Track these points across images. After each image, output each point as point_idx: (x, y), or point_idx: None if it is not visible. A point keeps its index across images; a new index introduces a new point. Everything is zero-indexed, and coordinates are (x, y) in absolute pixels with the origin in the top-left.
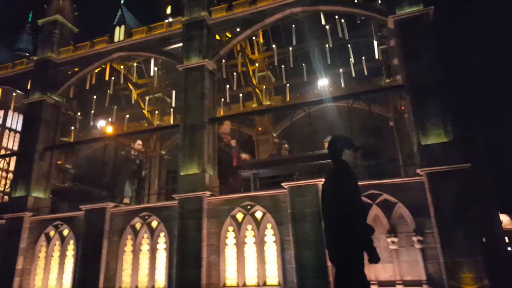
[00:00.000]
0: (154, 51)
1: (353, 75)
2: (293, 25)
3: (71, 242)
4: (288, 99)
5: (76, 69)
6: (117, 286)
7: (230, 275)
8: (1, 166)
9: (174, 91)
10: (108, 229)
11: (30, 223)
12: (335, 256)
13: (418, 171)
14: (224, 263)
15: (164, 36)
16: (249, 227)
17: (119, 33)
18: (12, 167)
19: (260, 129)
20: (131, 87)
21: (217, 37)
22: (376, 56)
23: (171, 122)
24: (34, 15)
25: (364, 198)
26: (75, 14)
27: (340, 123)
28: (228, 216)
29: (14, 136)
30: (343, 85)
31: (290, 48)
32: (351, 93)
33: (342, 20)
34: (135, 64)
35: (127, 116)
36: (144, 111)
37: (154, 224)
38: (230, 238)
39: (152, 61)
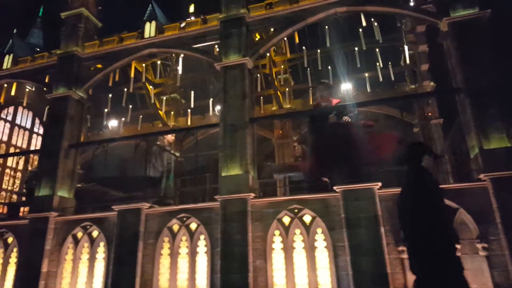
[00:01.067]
0: (187, 48)
1: (381, 79)
2: (326, 27)
3: (101, 244)
4: (311, 102)
5: (100, 66)
6: None
7: (278, 280)
8: (10, 165)
9: (192, 92)
10: (143, 231)
11: (55, 223)
12: (428, 266)
13: (481, 176)
14: (271, 268)
15: (199, 33)
16: (297, 231)
17: (149, 29)
18: (20, 166)
19: (280, 132)
20: (149, 87)
21: (257, 35)
22: (407, 61)
23: (189, 123)
24: (45, 9)
25: None
26: (99, 8)
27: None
28: (274, 219)
29: (24, 134)
30: (369, 89)
31: (318, 51)
32: (402, 95)
33: (376, 24)
34: (158, 62)
35: (141, 116)
36: (160, 111)
37: (193, 226)
38: (277, 243)
39: (180, 59)
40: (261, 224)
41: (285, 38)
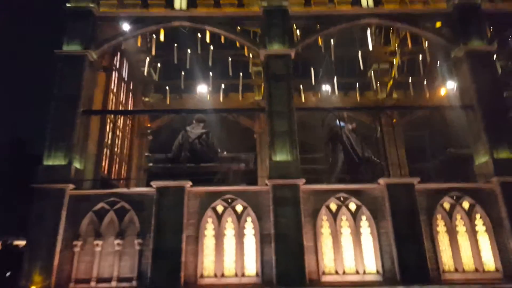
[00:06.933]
0: (413, 24)
1: None
2: None
3: (363, 218)
4: None
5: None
6: (441, 269)
7: None
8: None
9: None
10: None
11: (301, 192)
12: None
13: None
14: None
15: (426, 12)
16: None
17: None
18: (121, 126)
19: None
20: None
21: None
22: None
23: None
24: None
25: None
26: None
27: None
28: None
29: (124, 88)
30: None
31: None
32: None
33: None
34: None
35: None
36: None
37: (466, 205)
38: None
39: (369, 33)
40: None
41: None
